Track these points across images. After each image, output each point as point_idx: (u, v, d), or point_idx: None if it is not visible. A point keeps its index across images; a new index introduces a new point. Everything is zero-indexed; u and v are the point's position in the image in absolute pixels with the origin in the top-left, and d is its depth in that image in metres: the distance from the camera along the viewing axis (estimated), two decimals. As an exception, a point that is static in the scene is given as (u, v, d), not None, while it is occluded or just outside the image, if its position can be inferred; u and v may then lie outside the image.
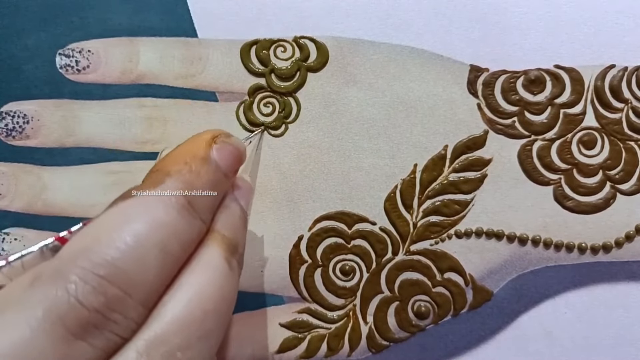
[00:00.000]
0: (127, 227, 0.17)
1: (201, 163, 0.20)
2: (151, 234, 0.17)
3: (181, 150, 0.20)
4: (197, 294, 0.18)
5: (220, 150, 0.20)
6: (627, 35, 0.26)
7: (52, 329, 0.16)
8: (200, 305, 0.18)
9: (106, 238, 0.17)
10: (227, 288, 0.19)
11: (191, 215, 0.18)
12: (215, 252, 0.19)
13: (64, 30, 0.28)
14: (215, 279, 0.18)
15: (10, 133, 0.27)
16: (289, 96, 0.27)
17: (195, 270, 0.18)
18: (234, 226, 0.20)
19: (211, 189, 0.19)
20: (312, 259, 0.26)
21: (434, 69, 0.26)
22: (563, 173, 0.26)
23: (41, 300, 0.16)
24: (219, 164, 0.20)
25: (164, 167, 0.19)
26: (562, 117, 0.26)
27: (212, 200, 0.20)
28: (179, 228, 0.18)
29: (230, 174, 0.21)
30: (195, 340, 0.17)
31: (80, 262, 0.16)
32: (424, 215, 0.26)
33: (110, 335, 0.16)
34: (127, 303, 0.17)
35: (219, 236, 0.20)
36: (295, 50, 0.27)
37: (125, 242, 0.17)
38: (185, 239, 0.18)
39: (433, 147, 0.26)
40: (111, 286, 0.16)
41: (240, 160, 0.21)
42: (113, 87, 0.27)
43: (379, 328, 0.26)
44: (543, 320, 0.27)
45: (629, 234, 0.25)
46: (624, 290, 0.27)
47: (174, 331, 0.17)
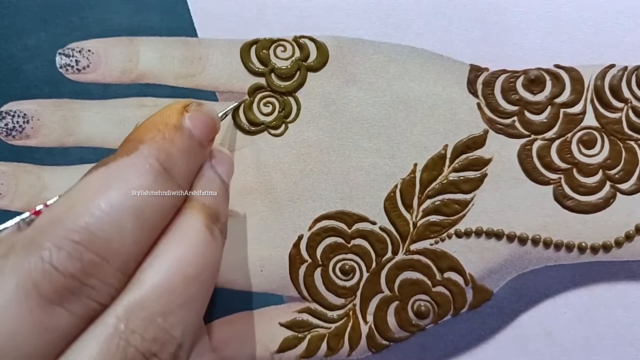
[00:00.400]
0: (102, 193, 0.17)
1: (174, 130, 0.19)
2: (126, 200, 0.17)
3: (154, 119, 0.20)
4: (177, 261, 0.18)
5: (193, 119, 0.20)
6: (627, 35, 0.26)
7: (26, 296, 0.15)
8: (181, 272, 0.17)
9: (80, 205, 0.17)
10: (209, 255, 0.18)
11: (167, 181, 0.18)
12: (194, 219, 0.19)
13: (64, 30, 0.28)
14: (196, 246, 0.18)
15: (10, 132, 0.27)
16: (289, 96, 0.27)
17: (174, 237, 0.18)
18: (214, 194, 0.20)
19: (186, 156, 0.19)
20: (312, 259, 0.26)
21: (434, 68, 0.27)
22: (563, 172, 0.26)
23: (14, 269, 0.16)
24: (192, 131, 0.20)
25: (137, 135, 0.19)
26: (562, 117, 0.26)
27: (188, 166, 0.19)
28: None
29: (204, 142, 0.20)
30: (176, 306, 0.17)
31: (54, 230, 0.16)
32: (424, 214, 0.26)
33: (88, 301, 0.16)
34: (104, 268, 0.16)
35: (198, 204, 0.19)
36: (295, 49, 0.27)
37: (99, 208, 0.17)
38: (161, 205, 0.18)
39: (433, 146, 0.26)
40: (87, 251, 0.16)
41: (214, 129, 0.21)
42: (113, 87, 0.27)
43: (379, 327, 0.26)
44: (543, 319, 0.27)
45: (629, 234, 0.25)
46: (624, 289, 0.27)
47: (154, 297, 0.17)
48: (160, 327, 0.17)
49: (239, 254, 0.26)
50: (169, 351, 0.17)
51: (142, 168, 0.18)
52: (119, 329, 0.16)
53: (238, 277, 0.26)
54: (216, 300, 0.26)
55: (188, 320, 0.18)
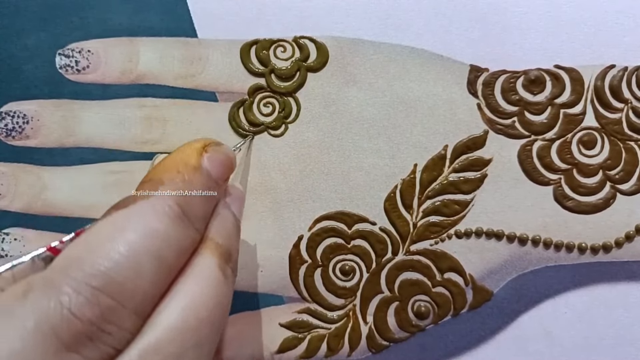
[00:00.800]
0: (121, 236, 0.17)
1: (193, 171, 0.20)
2: (145, 243, 0.17)
3: (173, 159, 0.20)
4: (191, 303, 0.18)
5: (211, 159, 0.20)
6: (627, 35, 0.26)
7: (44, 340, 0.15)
8: (195, 314, 0.18)
9: (99, 248, 0.17)
10: (221, 296, 0.19)
11: (185, 223, 0.18)
12: (209, 260, 0.19)
13: (63, 30, 0.28)
14: (210, 288, 0.18)
15: (10, 133, 0.27)
16: (288, 96, 0.27)
17: (189, 279, 0.18)
18: (228, 233, 0.20)
19: (204, 197, 0.20)
20: (312, 259, 0.26)
21: (434, 69, 0.26)
22: (563, 173, 0.26)
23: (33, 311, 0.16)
24: (210, 172, 0.20)
25: (156, 175, 0.19)
26: (562, 117, 0.26)
27: (205, 208, 0.20)
28: (173, 236, 0.18)
29: (221, 182, 0.21)
30: (189, 348, 0.17)
31: (73, 273, 0.16)
32: (424, 215, 0.26)
33: (104, 347, 0.16)
34: (121, 313, 0.16)
35: (213, 244, 0.19)
36: (295, 50, 0.27)
37: (118, 252, 0.17)
38: (179, 247, 0.18)
39: (433, 147, 0.26)
40: (105, 297, 0.16)
41: (231, 168, 0.21)
42: (113, 87, 0.27)
43: (378, 328, 0.26)
44: (543, 320, 0.27)
45: (629, 234, 0.25)
46: (624, 290, 0.27)
47: (168, 340, 0.17)
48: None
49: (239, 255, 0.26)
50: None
51: (162, 211, 0.18)
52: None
53: (238, 278, 0.26)
54: (216, 300, 0.26)
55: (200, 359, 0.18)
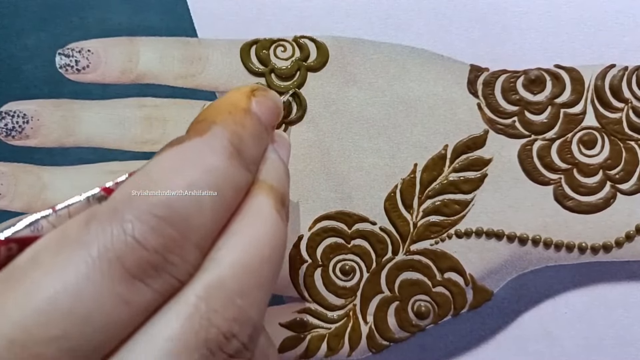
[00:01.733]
0: (180, 171, 0.17)
1: (244, 114, 0.20)
2: (204, 178, 0.17)
3: (224, 101, 0.20)
4: (253, 241, 0.18)
5: (260, 103, 0.20)
6: (627, 35, 0.26)
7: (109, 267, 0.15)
8: (257, 252, 0.17)
9: (161, 180, 0.17)
10: (280, 237, 0.18)
11: (239, 162, 0.18)
12: (265, 201, 0.19)
13: (63, 30, 0.28)
14: (269, 227, 0.18)
15: (10, 133, 0.27)
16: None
17: (247, 218, 0.18)
18: (279, 177, 0.20)
19: (255, 139, 0.19)
20: (312, 259, 0.26)
21: (434, 68, 0.26)
22: (563, 173, 0.26)
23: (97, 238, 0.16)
24: (259, 116, 0.20)
25: (208, 116, 0.19)
26: (562, 117, 0.26)
27: (257, 150, 0.20)
28: (230, 174, 0.18)
29: (269, 128, 0.21)
30: (252, 286, 0.17)
31: (136, 202, 0.16)
32: (424, 215, 0.26)
33: (168, 278, 0.16)
34: (184, 245, 0.16)
35: (267, 186, 0.19)
36: (295, 49, 0.27)
37: (180, 185, 0.17)
38: (235, 185, 0.18)
39: (433, 146, 0.26)
40: (169, 227, 0.16)
41: (278, 115, 0.21)
42: (113, 87, 0.27)
43: (379, 328, 0.26)
44: (543, 320, 0.27)
45: (629, 234, 0.25)
46: (624, 290, 0.27)
47: (233, 276, 0.17)
48: (239, 307, 0.17)
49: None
50: (246, 332, 0.17)
51: (217, 149, 0.18)
52: (201, 308, 0.16)
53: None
54: (216, 300, 0.26)
55: (262, 301, 0.18)
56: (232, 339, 0.17)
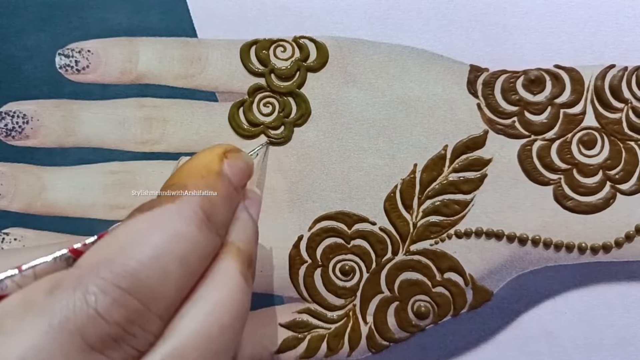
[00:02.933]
0: (148, 238, 0.17)
1: (216, 177, 0.20)
2: (172, 247, 0.17)
3: (196, 164, 0.20)
4: (215, 308, 0.18)
5: (232, 165, 0.21)
6: (627, 35, 0.26)
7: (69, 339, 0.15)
8: (218, 320, 0.18)
9: (127, 249, 0.17)
10: (242, 303, 0.19)
11: (209, 229, 0.18)
12: (231, 265, 0.19)
13: (63, 30, 0.28)
14: (232, 294, 0.18)
15: (10, 133, 0.27)
16: (288, 96, 0.27)
17: (212, 284, 0.18)
18: (248, 238, 0.20)
19: (226, 203, 0.20)
20: (312, 259, 0.26)
21: (433, 69, 0.26)
22: (563, 173, 0.26)
23: (60, 309, 0.16)
24: (230, 178, 0.20)
25: (180, 180, 0.19)
26: (562, 117, 0.26)
27: (227, 213, 0.20)
28: (198, 241, 0.18)
29: (239, 188, 0.21)
30: (211, 355, 0.17)
31: (101, 273, 0.16)
32: (424, 215, 0.26)
33: (128, 349, 0.16)
34: (147, 316, 0.16)
35: (234, 249, 0.20)
36: (295, 50, 0.27)
37: (146, 255, 0.17)
38: (203, 253, 0.18)
39: (433, 147, 0.26)
40: (132, 299, 0.16)
41: (249, 174, 0.22)
42: (112, 87, 0.27)
43: (378, 328, 0.26)
44: (543, 320, 0.27)
45: (629, 234, 0.25)
46: (624, 290, 0.27)
47: (192, 345, 0.17)
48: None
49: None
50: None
51: (188, 216, 0.18)
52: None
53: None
54: (216, 300, 0.26)
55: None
56: None
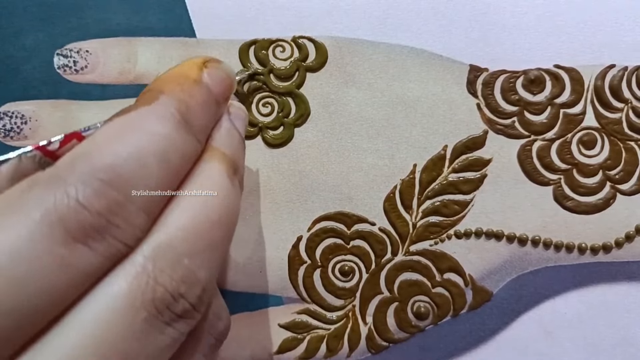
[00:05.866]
0: (125, 137, 0.17)
1: (193, 84, 0.19)
2: (150, 144, 0.17)
3: (173, 72, 0.20)
4: (202, 204, 0.18)
5: (212, 75, 0.20)
6: (627, 35, 0.26)
7: (50, 231, 0.15)
8: (206, 215, 0.18)
9: (106, 146, 0.17)
10: (230, 201, 0.19)
11: (186, 131, 0.18)
12: (216, 167, 0.19)
13: (61, 31, 0.27)
14: (219, 191, 0.18)
15: (8, 134, 0.27)
16: (287, 96, 0.27)
17: (198, 183, 0.18)
18: (233, 145, 0.20)
19: (204, 110, 0.19)
20: (311, 260, 0.26)
21: (433, 68, 0.26)
22: (563, 173, 0.26)
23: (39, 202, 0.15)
24: (210, 87, 0.20)
25: (156, 86, 0.19)
26: (562, 117, 0.26)
27: (206, 120, 0.20)
28: (176, 140, 0.18)
29: (221, 100, 0.21)
30: (201, 248, 0.17)
31: (79, 166, 0.16)
32: (424, 215, 0.26)
33: (112, 241, 0.16)
34: (129, 208, 0.16)
35: (219, 153, 0.19)
36: (294, 50, 0.27)
37: (124, 150, 0.17)
38: (183, 152, 0.18)
39: (432, 147, 0.26)
40: (113, 190, 0.16)
41: (231, 87, 0.21)
42: (111, 88, 0.27)
43: (378, 329, 0.26)
44: (543, 320, 0.27)
45: (629, 234, 0.25)
46: (624, 290, 0.27)
47: (181, 238, 0.17)
48: (187, 267, 0.17)
49: (237, 255, 0.26)
50: (195, 293, 0.17)
51: (164, 116, 0.18)
52: (148, 268, 0.16)
53: (237, 278, 0.26)
54: (215, 301, 0.26)
55: (212, 264, 0.18)
56: (179, 299, 0.17)
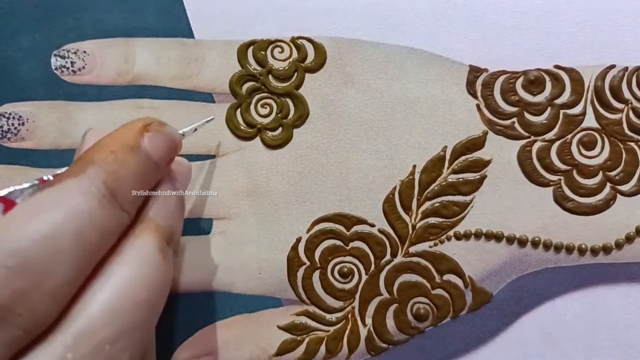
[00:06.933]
0: (43, 215, 0.16)
1: (129, 151, 0.19)
2: (67, 223, 0.16)
3: (109, 139, 0.19)
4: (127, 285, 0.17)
5: (153, 139, 0.20)
6: (627, 35, 0.26)
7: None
8: (131, 296, 0.17)
9: (18, 227, 0.16)
10: (159, 277, 0.18)
11: (112, 205, 0.18)
12: (146, 241, 0.18)
13: (59, 31, 0.27)
14: (148, 269, 0.18)
15: (6, 135, 0.27)
16: (286, 97, 0.27)
17: (125, 260, 0.18)
18: (169, 213, 0.20)
19: (138, 179, 0.19)
20: (310, 261, 0.26)
21: (432, 69, 0.26)
22: (563, 174, 0.26)
23: None
24: (149, 153, 0.19)
25: (88, 155, 0.18)
26: (562, 118, 0.26)
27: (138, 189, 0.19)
28: (98, 217, 0.17)
29: (162, 163, 0.20)
30: (125, 331, 0.17)
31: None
32: (423, 216, 0.26)
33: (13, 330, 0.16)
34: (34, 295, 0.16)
35: (153, 225, 0.19)
36: (292, 50, 0.27)
37: (38, 231, 0.16)
38: (104, 229, 0.17)
39: (432, 148, 0.26)
40: (18, 278, 0.16)
41: (175, 150, 0.21)
42: (109, 89, 0.27)
43: (377, 330, 0.26)
44: (543, 322, 0.27)
45: (629, 236, 0.25)
46: (624, 291, 0.27)
47: (103, 323, 0.17)
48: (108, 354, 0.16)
49: (236, 257, 0.26)
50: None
51: (87, 191, 0.17)
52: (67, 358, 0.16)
53: (236, 280, 0.26)
54: (214, 303, 0.26)
55: (136, 344, 0.17)
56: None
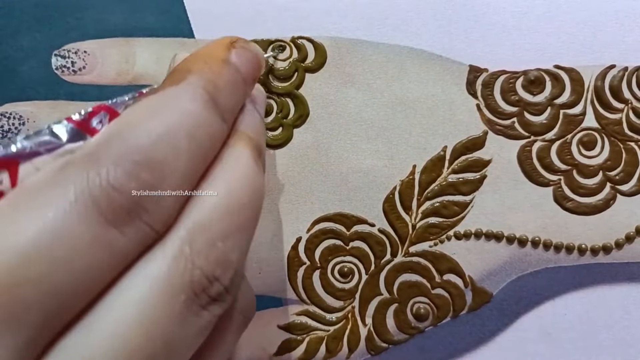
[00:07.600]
0: (157, 116, 0.17)
1: (221, 64, 0.19)
2: (181, 123, 0.17)
3: (201, 52, 0.20)
4: (233, 186, 0.18)
5: (240, 55, 0.20)
6: (627, 35, 0.26)
7: (86, 211, 0.15)
8: (237, 197, 0.18)
9: (138, 126, 0.17)
10: (258, 184, 0.19)
11: (215, 110, 0.18)
12: (243, 150, 0.19)
13: (59, 31, 0.27)
14: (248, 174, 0.18)
15: (6, 135, 0.27)
16: (286, 97, 0.27)
17: (227, 166, 0.18)
18: (257, 129, 0.20)
19: (232, 90, 0.19)
20: (310, 261, 0.26)
21: (432, 69, 0.26)
22: (563, 174, 0.26)
23: (75, 182, 0.15)
24: (238, 67, 0.20)
25: (184, 66, 0.19)
26: (561, 118, 0.26)
27: (234, 101, 0.19)
28: (206, 120, 0.18)
29: (249, 80, 0.21)
30: (233, 230, 0.17)
31: (113, 147, 0.16)
32: (423, 216, 0.26)
33: (142, 226, 0.16)
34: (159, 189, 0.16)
35: (245, 137, 0.19)
36: (293, 50, 0.27)
37: (156, 130, 0.17)
38: (212, 133, 0.18)
39: (432, 148, 0.26)
40: (145, 172, 0.16)
41: (259, 68, 0.21)
42: (109, 88, 0.27)
43: (377, 330, 0.26)
44: (543, 321, 0.27)
45: (629, 235, 0.25)
46: (624, 291, 0.27)
47: (215, 219, 0.17)
48: (221, 250, 0.17)
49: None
50: (228, 276, 0.17)
51: (192, 95, 0.18)
52: (185, 250, 0.16)
53: (236, 280, 0.26)
54: (214, 303, 0.26)
55: (242, 246, 0.18)
56: (214, 281, 0.17)
